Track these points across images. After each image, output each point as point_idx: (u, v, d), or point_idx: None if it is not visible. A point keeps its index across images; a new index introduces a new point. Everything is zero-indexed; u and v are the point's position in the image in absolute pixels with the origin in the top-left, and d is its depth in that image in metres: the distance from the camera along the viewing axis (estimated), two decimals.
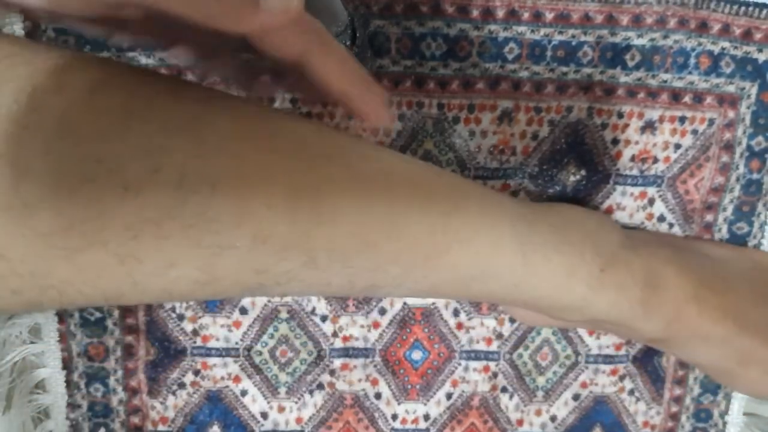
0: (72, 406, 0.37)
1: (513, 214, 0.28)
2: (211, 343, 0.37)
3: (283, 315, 0.37)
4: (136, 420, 0.37)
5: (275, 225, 0.22)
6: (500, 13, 0.33)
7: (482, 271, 0.27)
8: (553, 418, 0.39)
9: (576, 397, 0.39)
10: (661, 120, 0.35)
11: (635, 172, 0.36)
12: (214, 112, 0.23)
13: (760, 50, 0.34)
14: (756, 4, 0.34)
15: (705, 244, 0.36)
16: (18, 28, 0.32)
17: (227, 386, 0.37)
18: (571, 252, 0.29)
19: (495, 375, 0.38)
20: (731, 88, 0.35)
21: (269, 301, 0.36)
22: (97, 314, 0.36)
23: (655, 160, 0.36)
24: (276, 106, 0.34)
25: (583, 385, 0.39)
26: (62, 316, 0.36)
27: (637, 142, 0.35)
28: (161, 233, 0.21)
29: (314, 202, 0.23)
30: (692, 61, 0.34)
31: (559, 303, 0.29)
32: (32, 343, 0.36)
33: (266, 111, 0.26)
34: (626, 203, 0.36)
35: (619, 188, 0.36)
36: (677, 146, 0.36)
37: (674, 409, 0.39)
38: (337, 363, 0.37)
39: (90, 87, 0.21)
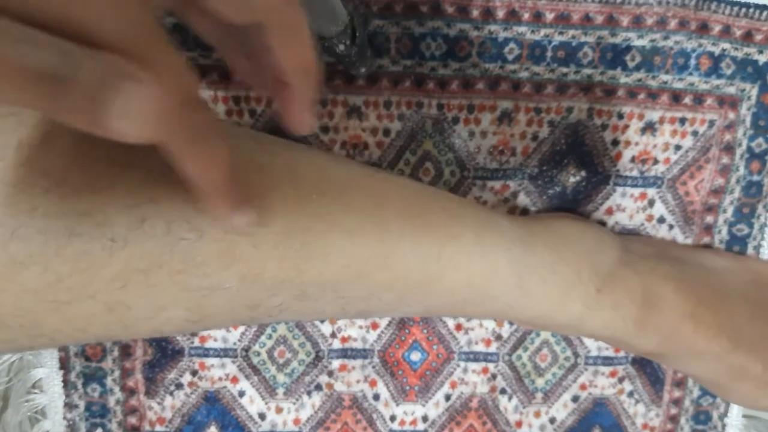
0: (69, 406, 0.37)
1: (509, 238, 0.28)
2: (209, 344, 0.36)
3: None
4: (133, 420, 0.37)
5: (264, 263, 0.22)
6: (500, 14, 0.33)
7: (477, 295, 0.27)
8: (552, 420, 0.39)
9: (575, 399, 0.39)
10: (662, 121, 0.35)
11: (635, 173, 0.36)
12: None
13: (760, 52, 0.34)
14: (757, 6, 0.34)
15: (705, 253, 0.36)
16: None
17: (225, 387, 0.37)
18: (568, 272, 0.29)
19: (494, 376, 0.38)
20: (732, 90, 0.35)
21: None
22: None
23: (655, 162, 0.36)
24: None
25: (583, 387, 0.38)
26: None
27: (637, 143, 0.35)
28: (149, 281, 0.21)
29: (305, 238, 0.23)
30: (693, 62, 0.34)
31: (554, 322, 0.29)
32: None
33: (254, 144, 0.25)
34: (626, 204, 0.36)
35: (619, 189, 0.36)
36: (677, 147, 0.36)
37: (673, 411, 0.39)
38: (336, 364, 0.37)
39: (75, 137, 0.20)
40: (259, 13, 0.18)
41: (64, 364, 0.36)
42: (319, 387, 0.37)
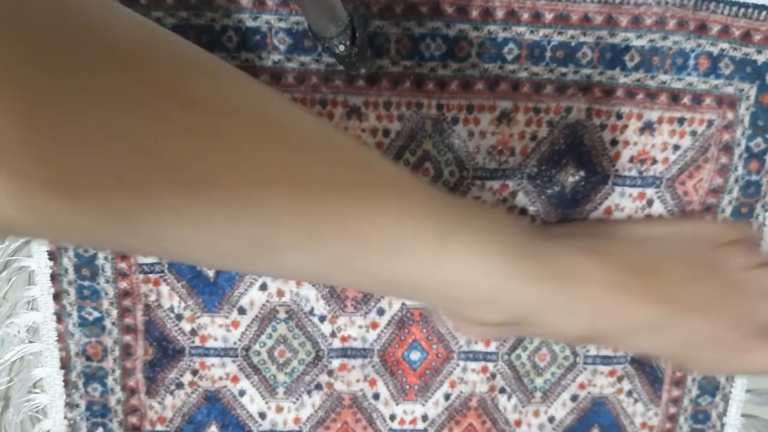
0: (70, 405, 0.37)
1: (430, 193, 0.27)
2: (210, 343, 0.37)
3: (282, 315, 0.36)
4: (134, 420, 0.37)
5: None
6: (500, 14, 0.33)
7: (392, 243, 0.25)
8: (551, 419, 0.39)
9: (574, 398, 0.39)
10: (660, 121, 0.35)
11: (634, 173, 0.36)
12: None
13: (759, 52, 0.34)
14: (755, 6, 0.34)
15: (636, 225, 0.35)
16: None
17: (225, 386, 0.37)
18: (490, 241, 0.27)
19: (493, 376, 0.38)
20: (730, 90, 0.35)
21: (268, 301, 0.36)
22: (96, 314, 0.36)
23: (654, 161, 0.36)
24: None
25: (582, 386, 0.39)
26: (60, 316, 0.36)
27: (635, 143, 0.35)
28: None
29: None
30: (691, 62, 0.34)
31: (475, 293, 0.28)
32: (30, 342, 0.36)
33: (259, 91, 0.24)
34: (625, 204, 0.36)
35: (618, 189, 0.36)
36: (676, 147, 0.36)
37: (672, 410, 0.39)
38: (336, 363, 0.37)
39: None
40: None
41: (65, 364, 0.36)
42: (319, 386, 0.38)
